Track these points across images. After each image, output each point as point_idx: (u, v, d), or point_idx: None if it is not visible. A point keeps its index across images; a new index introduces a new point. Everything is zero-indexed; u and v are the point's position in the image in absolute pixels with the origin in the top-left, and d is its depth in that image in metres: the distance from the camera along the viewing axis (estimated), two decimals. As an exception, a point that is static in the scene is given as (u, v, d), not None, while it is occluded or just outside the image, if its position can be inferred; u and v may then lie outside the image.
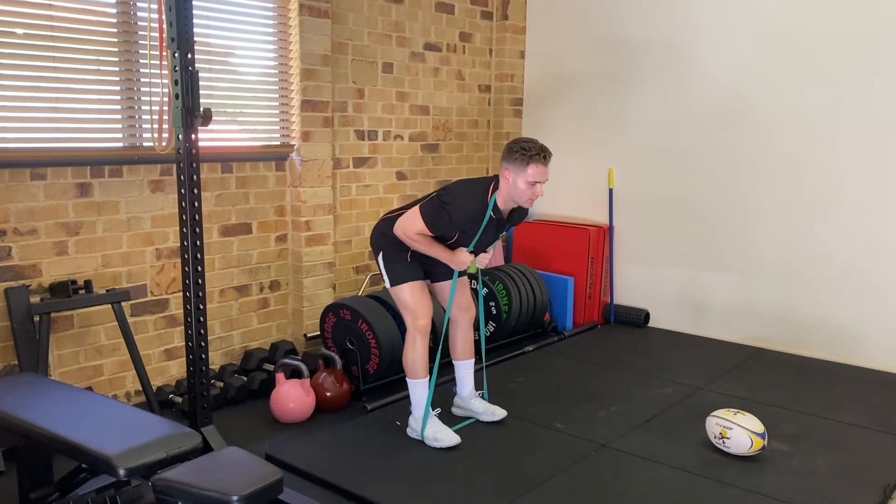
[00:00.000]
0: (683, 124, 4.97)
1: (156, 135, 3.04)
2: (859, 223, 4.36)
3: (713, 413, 3.28)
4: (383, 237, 3.33)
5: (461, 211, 3.14)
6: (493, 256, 3.41)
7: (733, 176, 4.79)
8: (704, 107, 4.87)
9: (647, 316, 5.26)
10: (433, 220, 3.15)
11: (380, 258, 3.34)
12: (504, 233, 3.39)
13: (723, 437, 3.17)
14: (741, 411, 3.23)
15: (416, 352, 3.29)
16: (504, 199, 3.18)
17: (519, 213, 3.35)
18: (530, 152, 3.07)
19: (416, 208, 3.20)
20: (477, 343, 3.66)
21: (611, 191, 5.33)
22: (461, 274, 3.38)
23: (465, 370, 3.55)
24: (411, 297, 3.27)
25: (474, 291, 4.28)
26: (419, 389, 3.31)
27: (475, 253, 3.28)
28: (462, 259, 3.22)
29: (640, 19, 5.09)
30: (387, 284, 3.34)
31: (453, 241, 3.25)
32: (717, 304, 4.97)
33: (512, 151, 3.11)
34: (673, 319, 5.16)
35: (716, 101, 4.81)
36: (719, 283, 4.94)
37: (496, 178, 3.20)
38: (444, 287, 3.46)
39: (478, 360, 3.64)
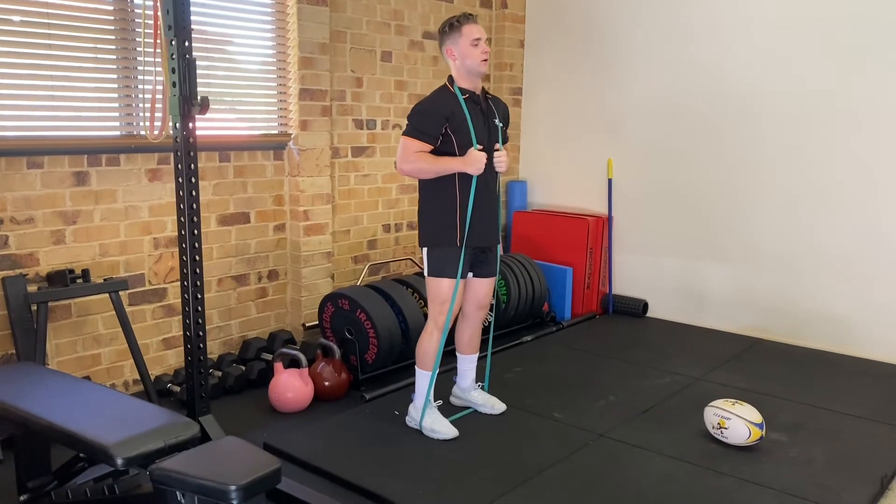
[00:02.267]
0: (683, 115, 4.95)
1: (147, 123, 3.02)
2: (858, 214, 4.36)
3: (711, 403, 3.28)
4: (429, 222, 3.25)
5: (432, 102, 3.16)
6: (505, 154, 3.30)
7: (732, 167, 4.78)
8: (704, 97, 4.85)
9: (645, 306, 5.26)
10: (416, 126, 3.12)
11: (425, 250, 3.26)
12: (499, 122, 3.29)
13: (721, 428, 3.17)
14: (739, 401, 3.23)
15: (430, 345, 3.27)
16: (462, 76, 3.19)
17: (494, 101, 3.33)
18: (457, 18, 3.17)
19: (401, 138, 3.18)
20: (485, 330, 3.62)
21: (610, 181, 5.31)
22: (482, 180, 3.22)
23: (468, 364, 3.54)
24: (447, 292, 3.21)
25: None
26: (425, 380, 3.30)
27: (485, 151, 3.17)
28: (474, 156, 3.11)
29: (639, 10, 5.06)
30: (425, 272, 3.27)
31: (455, 148, 3.15)
32: (715, 295, 4.97)
33: (443, 31, 3.20)
34: (671, 309, 5.16)
35: (715, 91, 4.80)
36: (718, 273, 4.94)
37: (449, 76, 3.24)
38: (479, 284, 3.38)
39: (482, 350, 3.63)
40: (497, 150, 3.26)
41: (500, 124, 3.30)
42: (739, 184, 4.77)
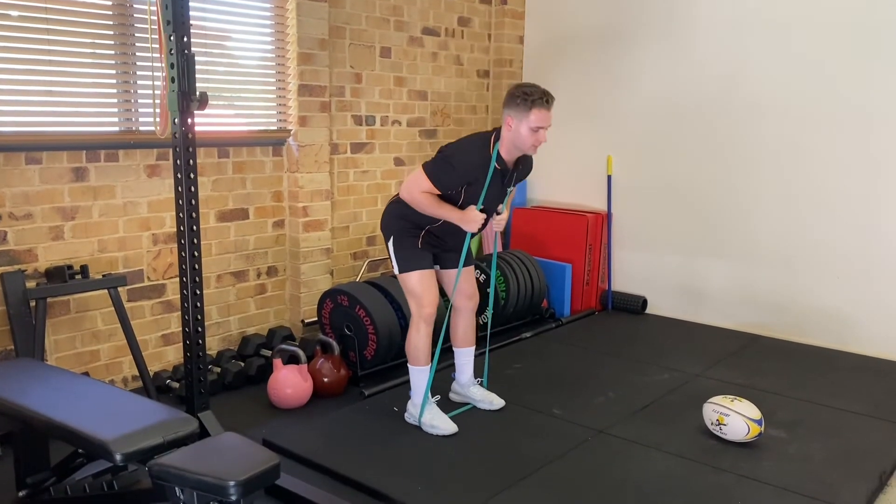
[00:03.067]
0: (682, 112, 4.95)
1: (157, 119, 3.01)
2: (857, 211, 4.36)
3: (710, 400, 3.28)
4: (393, 220, 3.28)
5: (464, 161, 3.08)
6: (506, 218, 3.31)
7: (732, 163, 4.78)
8: (703, 94, 4.84)
9: (644, 303, 5.26)
10: (437, 173, 3.09)
11: (389, 243, 3.29)
12: (512, 188, 3.30)
13: (719, 424, 3.18)
14: (738, 398, 3.23)
15: (419, 339, 3.28)
16: (507, 147, 3.11)
17: (524, 165, 3.29)
18: (532, 97, 3.01)
19: (420, 167, 3.15)
20: (483, 328, 3.64)
21: (609, 177, 5.31)
22: (473, 235, 3.27)
23: (465, 357, 3.55)
24: (419, 285, 3.24)
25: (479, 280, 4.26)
26: (420, 376, 3.31)
27: (486, 212, 3.18)
28: (472, 216, 3.10)
29: (639, 6, 5.05)
30: (395, 270, 3.31)
31: (461, 200, 3.16)
32: (714, 291, 4.97)
33: (514, 97, 3.04)
34: (671, 306, 5.16)
35: (715, 88, 4.79)
36: (717, 270, 4.94)
37: (497, 130, 3.15)
38: (451, 275, 3.42)
39: (480, 346, 3.64)
40: (499, 212, 3.27)
41: (512, 188, 3.29)
42: (739, 180, 4.77)
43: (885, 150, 4.24)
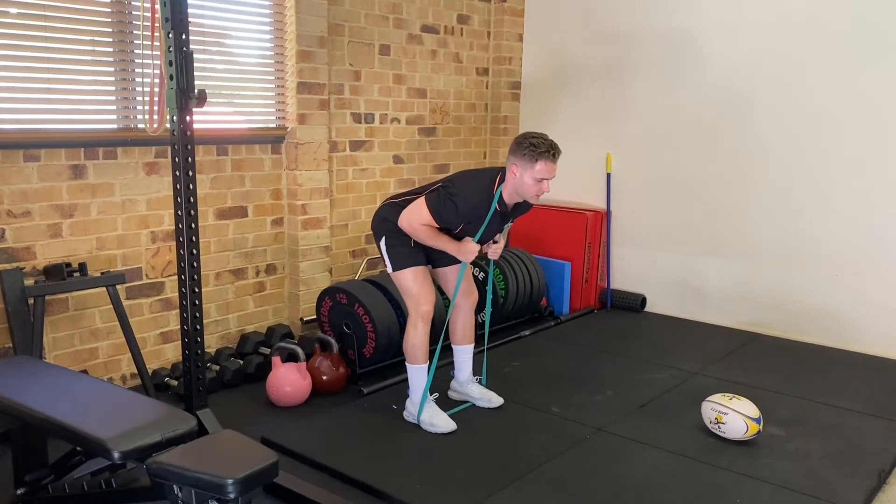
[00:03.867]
0: (682, 110, 4.94)
1: (147, 116, 3.01)
2: (856, 210, 4.36)
3: (709, 398, 3.28)
4: (385, 222, 3.30)
5: (467, 202, 3.11)
6: (502, 247, 3.36)
7: (731, 161, 4.78)
8: (703, 93, 4.84)
9: (643, 301, 5.26)
10: (439, 211, 3.12)
11: (381, 243, 3.31)
12: (510, 222, 3.36)
13: (718, 422, 3.18)
14: (737, 396, 3.23)
15: (417, 337, 3.28)
16: (510, 192, 3.15)
17: (524, 206, 3.32)
18: (539, 149, 3.02)
19: (422, 199, 3.16)
20: (481, 326, 3.65)
21: (608, 175, 5.31)
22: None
23: (464, 355, 3.55)
24: (414, 283, 3.25)
25: (478, 278, 4.26)
26: (418, 374, 3.31)
27: (481, 244, 3.23)
28: (469, 249, 3.16)
29: (639, 5, 5.05)
30: (388, 269, 3.32)
31: (458, 231, 3.22)
32: (713, 290, 4.97)
33: (521, 146, 3.06)
34: (670, 304, 5.16)
35: (714, 87, 4.79)
36: (716, 268, 4.94)
37: (502, 171, 3.16)
38: (445, 272, 3.43)
39: (479, 345, 3.63)
40: (495, 241, 3.30)
41: (509, 224, 3.34)
42: (738, 179, 4.77)
43: (883, 149, 4.23)
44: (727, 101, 4.75)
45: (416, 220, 3.15)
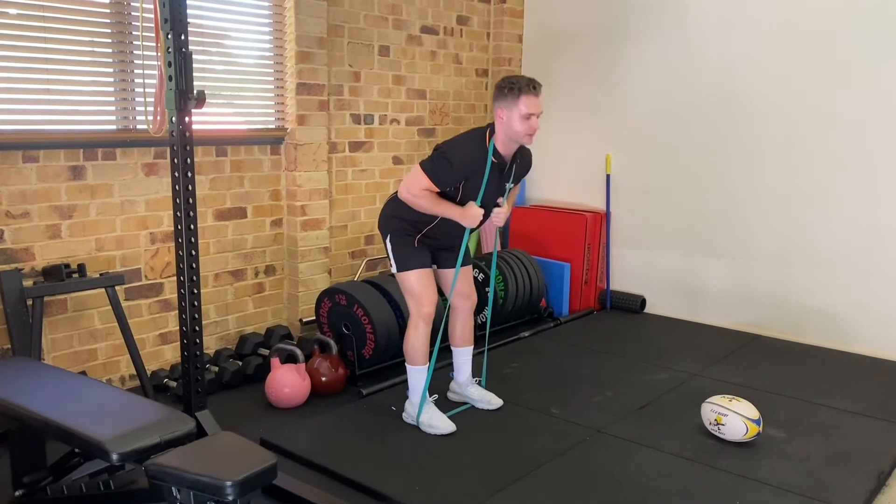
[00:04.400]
0: (681, 111, 4.94)
1: (150, 118, 3.00)
2: (856, 210, 4.36)
3: (708, 399, 3.28)
4: (391, 219, 3.28)
5: (462, 156, 3.08)
6: (506, 211, 3.31)
7: (731, 162, 4.78)
8: (702, 93, 4.84)
9: (643, 302, 5.25)
10: (435, 171, 3.09)
11: (387, 242, 3.29)
12: (513, 184, 3.30)
13: (718, 424, 3.17)
14: (736, 397, 3.23)
15: (417, 338, 3.27)
16: (503, 140, 3.12)
17: (522, 159, 3.29)
18: (519, 84, 3.04)
19: (417, 166, 3.15)
20: (480, 327, 3.64)
21: (608, 176, 5.31)
22: (473, 230, 3.28)
23: (463, 357, 3.54)
24: (417, 284, 3.24)
25: (480, 277, 4.26)
26: (418, 375, 3.31)
27: (485, 208, 3.18)
28: (472, 213, 3.11)
29: (638, 6, 5.05)
30: (393, 269, 3.30)
31: (458, 197, 3.16)
32: (713, 291, 4.97)
33: (501, 89, 3.08)
34: (669, 305, 5.16)
35: (714, 87, 4.79)
36: (716, 269, 4.94)
37: (492, 125, 3.16)
38: (448, 274, 3.42)
39: (479, 346, 3.63)
40: (499, 204, 3.25)
41: (513, 185, 3.29)
42: (738, 180, 4.77)
43: (883, 150, 4.23)
44: (727, 102, 4.74)
45: (415, 186, 3.11)
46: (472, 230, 3.25)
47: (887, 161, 4.23)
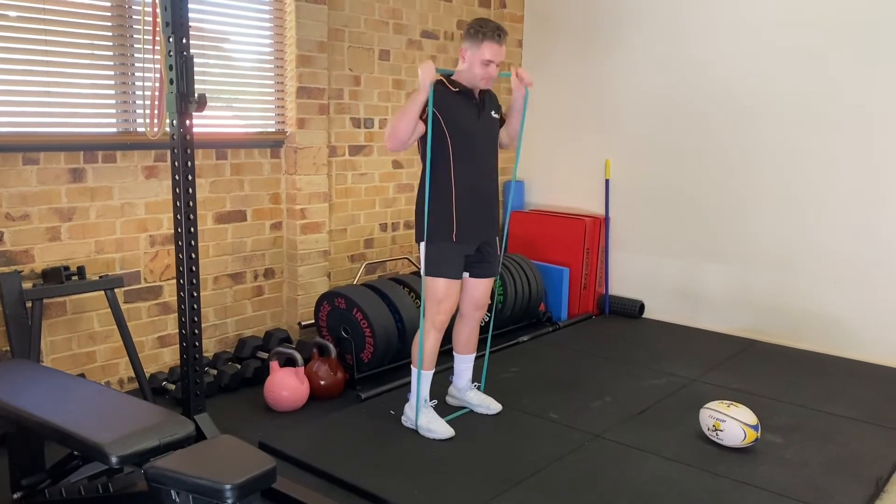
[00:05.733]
0: (680, 115, 4.95)
1: (148, 121, 3.01)
2: (855, 216, 4.37)
3: (706, 405, 3.28)
4: (422, 217, 3.21)
5: (426, 85, 3.06)
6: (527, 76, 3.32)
7: (730, 167, 4.79)
8: (702, 98, 4.85)
9: (641, 307, 5.26)
10: (412, 102, 3.06)
11: (422, 245, 3.24)
12: (496, 114, 3.34)
13: (716, 429, 3.18)
14: (734, 403, 3.23)
15: (428, 344, 3.27)
16: (465, 77, 3.18)
17: (491, 97, 3.33)
18: (484, 30, 3.10)
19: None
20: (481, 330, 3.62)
21: (607, 181, 5.31)
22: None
23: (464, 363, 3.54)
24: (443, 292, 3.22)
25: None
26: (424, 380, 3.30)
27: (473, 136, 3.19)
28: (423, 66, 3.03)
29: (637, 9, 5.06)
30: (422, 271, 3.26)
31: (452, 141, 3.14)
32: (711, 296, 4.98)
33: (469, 30, 3.15)
34: (668, 310, 5.17)
35: (713, 92, 4.80)
36: (714, 274, 4.94)
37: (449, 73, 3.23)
38: (475, 284, 3.37)
39: (480, 348, 3.62)
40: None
41: (495, 114, 3.33)
42: (737, 185, 4.78)
43: (883, 155, 4.24)
44: (726, 107, 4.75)
45: (390, 125, 3.13)
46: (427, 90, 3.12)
47: (887, 166, 4.24)
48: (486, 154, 3.30)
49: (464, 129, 3.17)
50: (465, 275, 3.34)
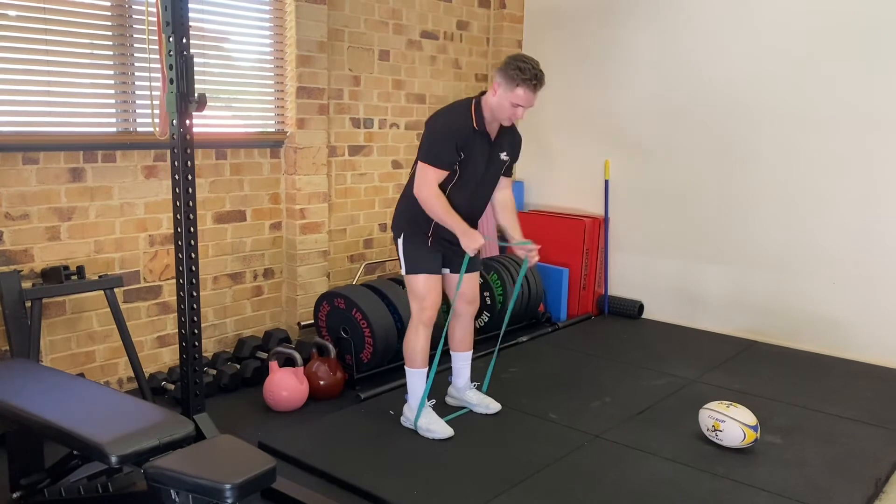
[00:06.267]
0: (681, 116, 4.96)
1: (157, 120, 3.00)
2: (854, 217, 4.37)
3: (706, 405, 3.28)
4: (403, 220, 3.26)
5: (449, 125, 3.09)
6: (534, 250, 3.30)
7: (729, 168, 4.79)
8: (702, 99, 4.85)
9: (641, 307, 5.26)
10: (432, 153, 3.08)
11: (399, 241, 3.28)
12: (508, 158, 3.30)
13: (715, 430, 3.18)
14: (734, 404, 3.23)
15: (417, 341, 3.28)
16: (489, 109, 3.13)
17: (510, 137, 3.29)
18: (524, 75, 3.02)
19: (420, 164, 3.13)
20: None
21: (606, 182, 5.32)
22: (471, 266, 3.29)
23: (462, 361, 3.54)
24: (424, 287, 3.23)
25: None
26: (417, 379, 3.30)
27: (477, 184, 3.19)
28: (473, 236, 3.09)
29: (637, 10, 5.06)
30: (402, 269, 3.29)
31: (456, 177, 3.14)
32: (711, 297, 4.98)
33: (508, 67, 3.06)
34: (667, 311, 5.17)
35: (713, 93, 4.80)
36: (714, 275, 4.94)
37: (478, 96, 3.19)
38: (462, 280, 3.37)
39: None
40: (530, 249, 3.25)
41: (505, 157, 3.29)
42: (736, 185, 4.78)
43: (882, 155, 4.25)
44: (726, 107, 4.76)
45: (425, 185, 3.10)
46: (470, 258, 3.22)
47: (886, 167, 4.24)
48: (484, 187, 3.29)
49: (471, 167, 3.17)
50: (446, 271, 3.36)
